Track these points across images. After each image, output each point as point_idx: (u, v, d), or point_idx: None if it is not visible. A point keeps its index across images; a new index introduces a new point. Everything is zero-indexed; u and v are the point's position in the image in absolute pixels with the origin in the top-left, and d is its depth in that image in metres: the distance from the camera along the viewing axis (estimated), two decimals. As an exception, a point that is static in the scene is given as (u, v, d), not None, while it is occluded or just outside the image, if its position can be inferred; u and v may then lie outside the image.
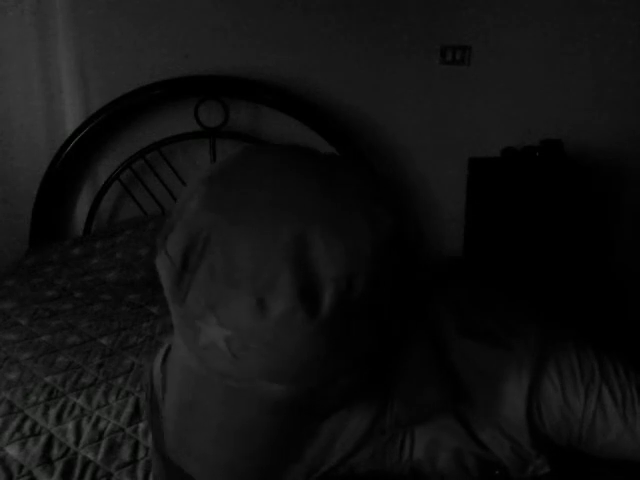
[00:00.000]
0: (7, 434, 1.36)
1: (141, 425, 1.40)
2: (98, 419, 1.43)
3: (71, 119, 2.57)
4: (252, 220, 0.51)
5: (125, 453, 1.31)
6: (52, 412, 1.45)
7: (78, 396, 1.52)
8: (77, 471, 1.26)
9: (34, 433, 1.37)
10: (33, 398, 1.50)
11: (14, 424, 1.40)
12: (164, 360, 0.78)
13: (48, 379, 1.59)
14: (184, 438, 0.54)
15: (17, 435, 1.36)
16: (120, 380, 1.59)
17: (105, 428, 1.39)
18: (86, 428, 1.39)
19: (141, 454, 1.31)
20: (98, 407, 1.47)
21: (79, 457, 1.30)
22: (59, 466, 1.27)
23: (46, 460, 1.29)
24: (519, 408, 0.67)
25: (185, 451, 0.55)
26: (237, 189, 0.54)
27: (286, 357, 0.49)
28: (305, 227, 0.50)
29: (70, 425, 1.40)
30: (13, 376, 1.60)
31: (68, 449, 1.33)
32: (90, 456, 1.30)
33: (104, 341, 1.81)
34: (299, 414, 0.53)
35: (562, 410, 0.67)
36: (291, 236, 0.49)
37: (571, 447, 0.69)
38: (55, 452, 1.31)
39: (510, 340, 0.69)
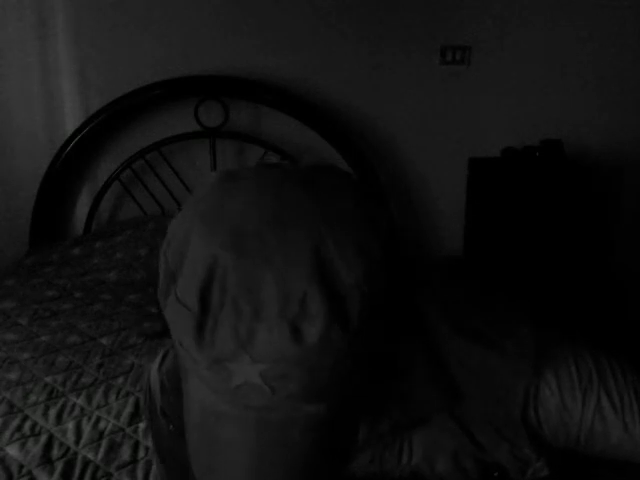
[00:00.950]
0: (7, 434, 1.36)
1: (141, 425, 1.40)
2: (98, 419, 1.42)
3: (71, 119, 2.57)
4: (266, 246, 0.49)
5: (125, 453, 1.31)
6: (52, 412, 1.45)
7: (78, 396, 1.52)
8: (77, 471, 1.26)
9: (34, 433, 1.37)
10: (33, 398, 1.50)
11: (14, 424, 1.40)
12: (161, 365, 0.77)
13: (48, 379, 1.59)
14: (213, 476, 0.53)
15: (17, 435, 1.36)
16: (120, 380, 1.59)
17: (105, 428, 1.39)
18: (86, 428, 1.39)
19: (141, 454, 1.31)
20: (98, 407, 1.47)
21: (79, 457, 1.30)
22: (59, 466, 1.27)
23: (46, 460, 1.29)
24: (516, 411, 0.66)
25: None
26: (238, 217, 0.51)
27: (325, 376, 0.49)
28: (318, 242, 0.49)
29: (70, 425, 1.40)
30: (13, 376, 1.60)
31: (68, 449, 1.33)
32: (90, 456, 1.30)
33: (104, 341, 1.81)
34: (339, 430, 0.53)
35: (560, 414, 0.66)
36: (308, 255, 0.49)
37: (568, 449, 0.69)
38: (55, 452, 1.31)
39: (506, 342, 0.69)
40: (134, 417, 1.43)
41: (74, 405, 1.48)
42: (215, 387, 0.51)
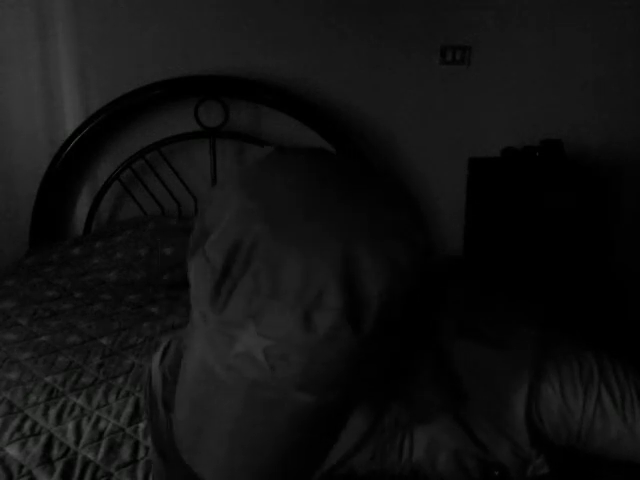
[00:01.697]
0: (7, 434, 1.36)
1: (141, 425, 1.40)
2: (98, 419, 1.43)
3: (71, 119, 2.57)
4: (300, 232, 0.50)
5: (125, 453, 1.31)
6: (52, 412, 1.45)
7: (78, 396, 1.52)
8: (77, 471, 1.26)
9: (34, 433, 1.37)
10: (33, 398, 1.50)
11: (14, 424, 1.40)
12: (162, 358, 0.78)
13: (48, 379, 1.59)
14: (196, 439, 0.54)
15: (17, 435, 1.36)
16: (120, 380, 1.59)
17: (105, 428, 1.39)
18: (86, 428, 1.39)
19: (141, 454, 1.31)
20: (98, 407, 1.47)
21: (79, 457, 1.30)
22: (59, 466, 1.27)
23: (46, 460, 1.29)
24: (518, 408, 0.67)
25: (197, 452, 0.54)
26: (279, 195, 0.52)
27: (325, 370, 0.50)
28: (353, 242, 0.50)
29: (70, 425, 1.40)
30: (13, 376, 1.60)
31: (68, 449, 1.33)
32: (90, 456, 1.30)
33: (104, 341, 1.81)
34: (324, 422, 0.54)
35: (561, 411, 0.67)
36: (340, 252, 0.49)
37: (570, 447, 0.69)
38: (55, 452, 1.31)
39: (508, 341, 0.69)
40: (134, 417, 1.43)
41: (74, 405, 1.48)
42: (217, 349, 0.51)
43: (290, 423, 0.52)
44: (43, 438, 1.35)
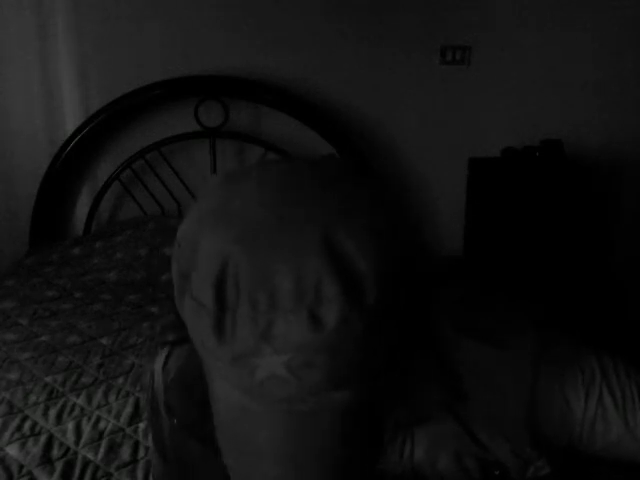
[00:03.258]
0: (7, 434, 1.36)
1: (141, 425, 1.40)
2: (98, 419, 1.43)
3: (71, 119, 2.57)
4: (273, 241, 0.49)
5: (125, 453, 1.31)
6: (52, 412, 1.45)
7: (78, 396, 1.52)
8: (77, 471, 1.26)
9: (34, 433, 1.37)
10: (33, 398, 1.50)
11: (14, 424, 1.40)
12: (165, 364, 0.77)
13: (48, 379, 1.59)
14: (251, 474, 0.54)
15: (17, 435, 1.36)
16: (120, 380, 1.59)
17: (105, 428, 1.39)
18: (86, 428, 1.39)
19: (141, 454, 1.31)
20: (98, 407, 1.47)
21: (79, 457, 1.30)
22: (59, 466, 1.27)
23: (46, 460, 1.29)
24: (519, 409, 0.67)
25: None
26: (241, 215, 0.51)
27: (347, 360, 0.49)
28: (327, 230, 0.49)
29: (70, 425, 1.40)
30: (13, 376, 1.60)
31: (68, 449, 1.33)
32: (90, 456, 1.30)
33: (104, 341, 1.81)
34: (367, 416, 0.54)
35: (562, 411, 0.67)
36: (318, 243, 0.49)
37: (571, 448, 0.69)
38: (55, 452, 1.31)
39: (508, 340, 0.69)
40: (134, 417, 1.43)
41: (74, 405, 1.48)
42: (239, 383, 0.51)
43: (335, 427, 0.51)
44: (43, 438, 1.35)
